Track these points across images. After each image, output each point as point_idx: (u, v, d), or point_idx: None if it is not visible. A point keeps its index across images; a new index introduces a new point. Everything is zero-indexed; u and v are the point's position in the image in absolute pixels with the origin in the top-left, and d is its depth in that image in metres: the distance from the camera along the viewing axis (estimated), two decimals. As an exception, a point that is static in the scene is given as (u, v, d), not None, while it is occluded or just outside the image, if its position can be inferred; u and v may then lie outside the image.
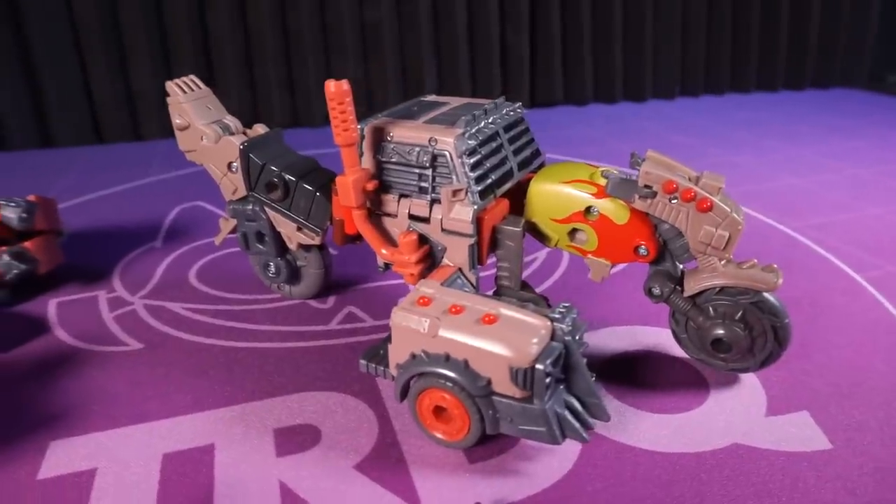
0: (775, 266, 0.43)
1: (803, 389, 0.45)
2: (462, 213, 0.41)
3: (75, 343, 0.52)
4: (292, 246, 0.53)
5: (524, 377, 0.36)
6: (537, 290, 0.59)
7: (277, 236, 0.53)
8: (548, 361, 0.36)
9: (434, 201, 0.42)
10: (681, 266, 0.45)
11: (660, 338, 0.51)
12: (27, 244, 0.56)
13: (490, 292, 0.46)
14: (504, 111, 0.46)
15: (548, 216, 0.45)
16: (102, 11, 1.05)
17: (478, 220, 0.42)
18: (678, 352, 0.49)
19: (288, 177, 0.50)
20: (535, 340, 0.36)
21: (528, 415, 0.37)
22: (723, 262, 0.43)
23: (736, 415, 0.42)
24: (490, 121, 0.44)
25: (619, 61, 1.33)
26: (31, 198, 0.57)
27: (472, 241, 0.42)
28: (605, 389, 0.45)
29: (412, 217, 0.43)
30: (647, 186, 0.41)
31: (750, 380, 0.46)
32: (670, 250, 0.44)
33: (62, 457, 0.40)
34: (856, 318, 0.53)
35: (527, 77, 1.31)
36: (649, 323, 0.53)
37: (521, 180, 0.46)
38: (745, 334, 0.43)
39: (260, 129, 0.54)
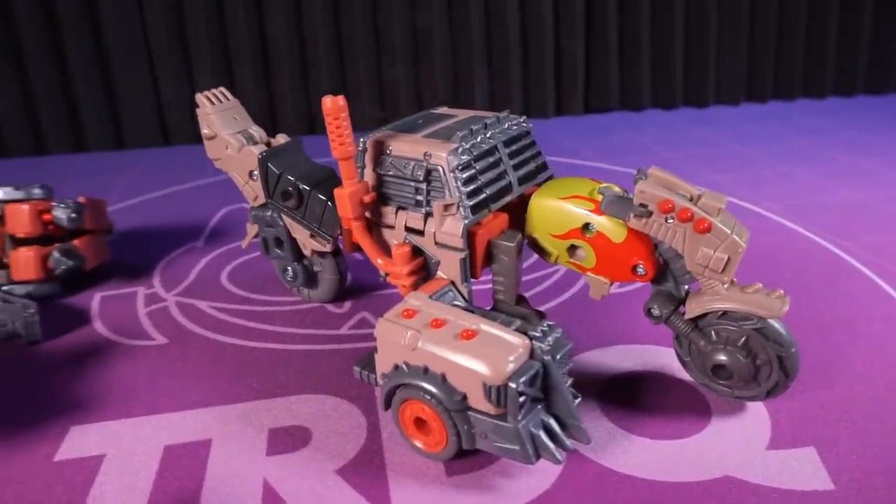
0: (781, 291, 0.41)
1: (815, 423, 0.42)
2: (452, 228, 0.42)
3: (109, 335, 0.56)
4: (307, 252, 0.55)
5: (497, 394, 0.36)
6: (553, 304, 0.58)
7: (294, 242, 0.55)
8: (522, 380, 0.36)
9: (428, 215, 0.43)
10: (685, 287, 0.44)
11: (670, 359, 0.49)
12: (76, 242, 0.61)
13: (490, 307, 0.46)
14: (506, 125, 0.46)
15: (547, 231, 0.44)
16: (169, 22, 1.12)
17: (471, 235, 0.42)
18: (686, 375, 0.47)
19: (302, 186, 0.52)
20: (511, 358, 0.36)
21: (501, 432, 0.37)
22: (726, 286, 0.41)
23: (734, 445, 0.41)
24: (488, 135, 0.44)
25: (680, 65, 1.29)
26: (81, 199, 0.62)
27: (463, 255, 0.42)
28: (600, 410, 0.44)
29: (408, 229, 0.44)
30: (642, 205, 0.40)
31: (757, 409, 0.44)
32: (671, 271, 0.43)
33: (78, 441, 0.43)
34: (893, 348, 0.49)
35: (581, 82, 1.28)
36: (662, 343, 0.51)
37: (525, 195, 0.46)
38: (748, 362, 0.41)
39: (281, 138, 0.57)
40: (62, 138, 1.15)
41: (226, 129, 0.55)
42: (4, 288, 0.60)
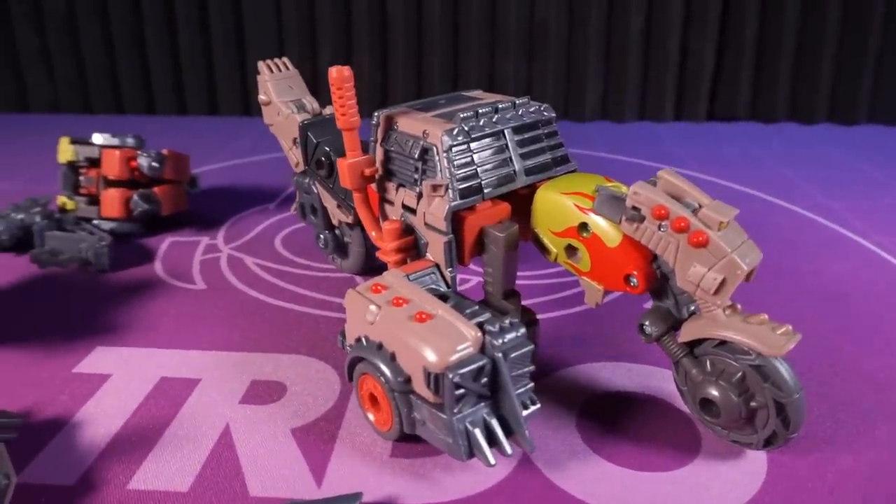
0: (790, 328, 0.35)
1: (819, 490, 0.36)
2: (438, 209, 0.41)
3: (162, 275, 0.62)
4: (335, 221, 0.57)
5: (436, 382, 0.35)
6: (576, 310, 0.55)
7: (325, 210, 0.57)
8: (461, 371, 0.34)
9: (421, 194, 0.42)
10: (692, 308, 0.39)
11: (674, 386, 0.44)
12: (155, 189, 0.68)
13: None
14: (520, 112, 0.44)
15: (547, 227, 0.42)
16: (300, 3, 1.20)
17: (460, 219, 0.41)
18: (686, 406, 0.42)
19: (335, 156, 0.54)
20: (457, 348, 0.35)
21: (437, 422, 0.35)
22: (727, 311, 0.36)
23: (707, 493, 0.36)
24: (494, 119, 0.42)
25: (827, 76, 1.14)
26: (165, 151, 0.69)
27: (447, 238, 0.41)
28: (575, 425, 0.41)
29: (405, 207, 0.44)
30: (635, 208, 0.36)
31: (756, 460, 0.38)
32: (671, 287, 0.39)
33: (97, 359, 0.48)
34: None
35: (706, 87, 1.18)
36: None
37: (536, 187, 0.44)
38: (740, 401, 0.36)
39: (330, 110, 0.58)
40: (200, 101, 1.28)
41: (279, 96, 0.58)
42: (95, 222, 0.68)
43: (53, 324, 0.53)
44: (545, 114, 0.45)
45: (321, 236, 0.59)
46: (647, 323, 0.39)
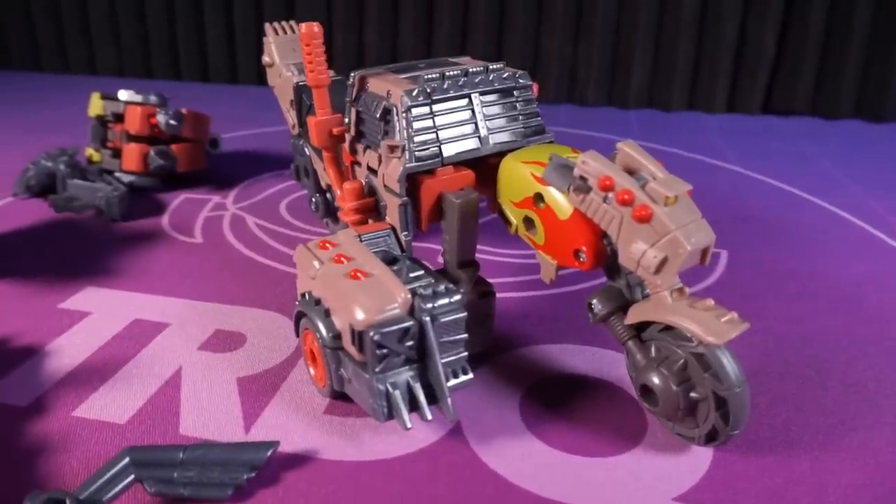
0: (735, 316, 0.32)
1: (759, 495, 0.33)
2: (393, 170, 0.40)
3: (166, 228, 0.64)
4: (323, 184, 0.57)
5: (360, 340, 0.34)
6: (554, 291, 0.52)
7: (316, 173, 0.58)
8: (384, 331, 0.34)
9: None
10: (646, 291, 0.37)
11: (638, 375, 0.42)
12: (173, 146, 0.71)
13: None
14: (491, 77, 0.42)
15: (508, 197, 0.41)
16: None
17: (417, 183, 0.40)
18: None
19: (325, 119, 0.54)
20: (384, 307, 0.34)
21: (360, 381, 0.35)
22: (673, 294, 0.34)
23: (634, 482, 0.34)
24: (461, 83, 0.41)
25: (902, 70, 1.04)
26: (184, 110, 0.71)
27: (401, 201, 0.40)
28: (518, 402, 0.40)
29: (369, 169, 0.43)
30: (582, 178, 0.34)
31: (701, 455, 0.36)
32: (622, 265, 0.36)
33: (83, 298, 0.51)
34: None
35: (764, 77, 1.11)
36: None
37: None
38: (679, 391, 0.34)
39: (332, 75, 0.59)
40: (250, 71, 1.32)
41: (282, 58, 0.59)
42: (116, 174, 0.71)
43: (53, 263, 0.56)
44: (520, 81, 0.43)
45: (313, 199, 0.60)
46: (594, 301, 0.37)
